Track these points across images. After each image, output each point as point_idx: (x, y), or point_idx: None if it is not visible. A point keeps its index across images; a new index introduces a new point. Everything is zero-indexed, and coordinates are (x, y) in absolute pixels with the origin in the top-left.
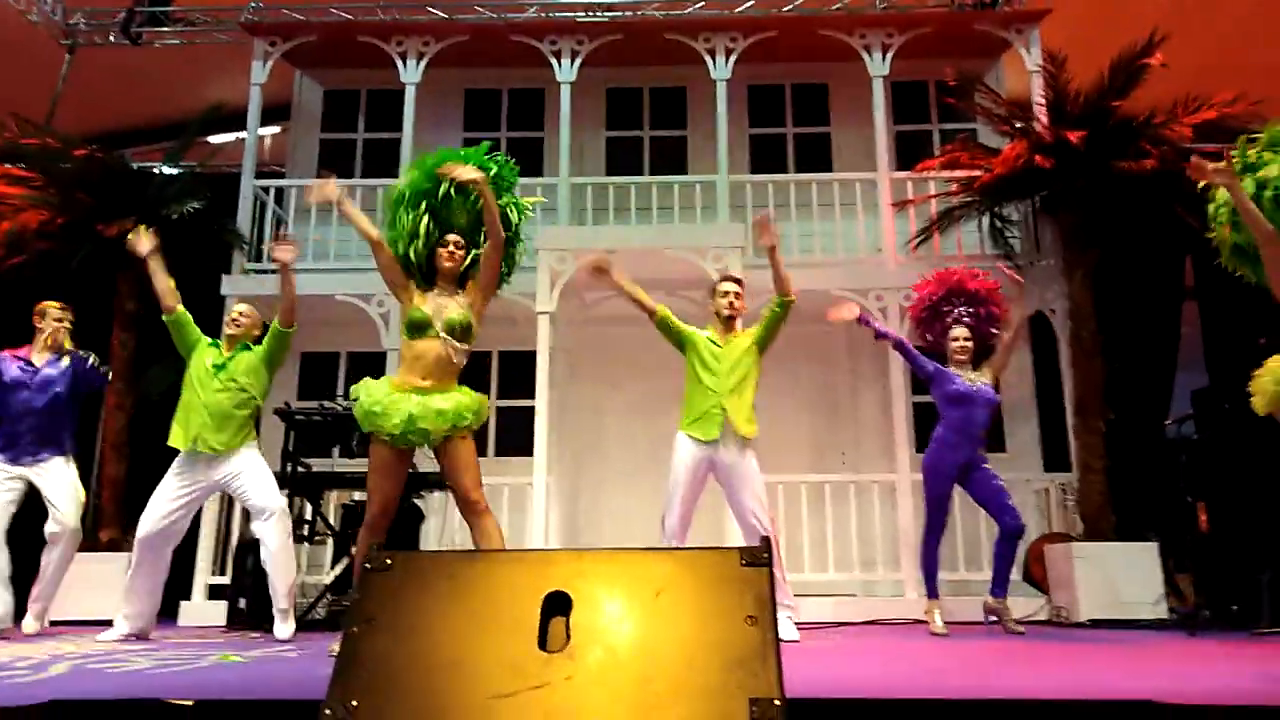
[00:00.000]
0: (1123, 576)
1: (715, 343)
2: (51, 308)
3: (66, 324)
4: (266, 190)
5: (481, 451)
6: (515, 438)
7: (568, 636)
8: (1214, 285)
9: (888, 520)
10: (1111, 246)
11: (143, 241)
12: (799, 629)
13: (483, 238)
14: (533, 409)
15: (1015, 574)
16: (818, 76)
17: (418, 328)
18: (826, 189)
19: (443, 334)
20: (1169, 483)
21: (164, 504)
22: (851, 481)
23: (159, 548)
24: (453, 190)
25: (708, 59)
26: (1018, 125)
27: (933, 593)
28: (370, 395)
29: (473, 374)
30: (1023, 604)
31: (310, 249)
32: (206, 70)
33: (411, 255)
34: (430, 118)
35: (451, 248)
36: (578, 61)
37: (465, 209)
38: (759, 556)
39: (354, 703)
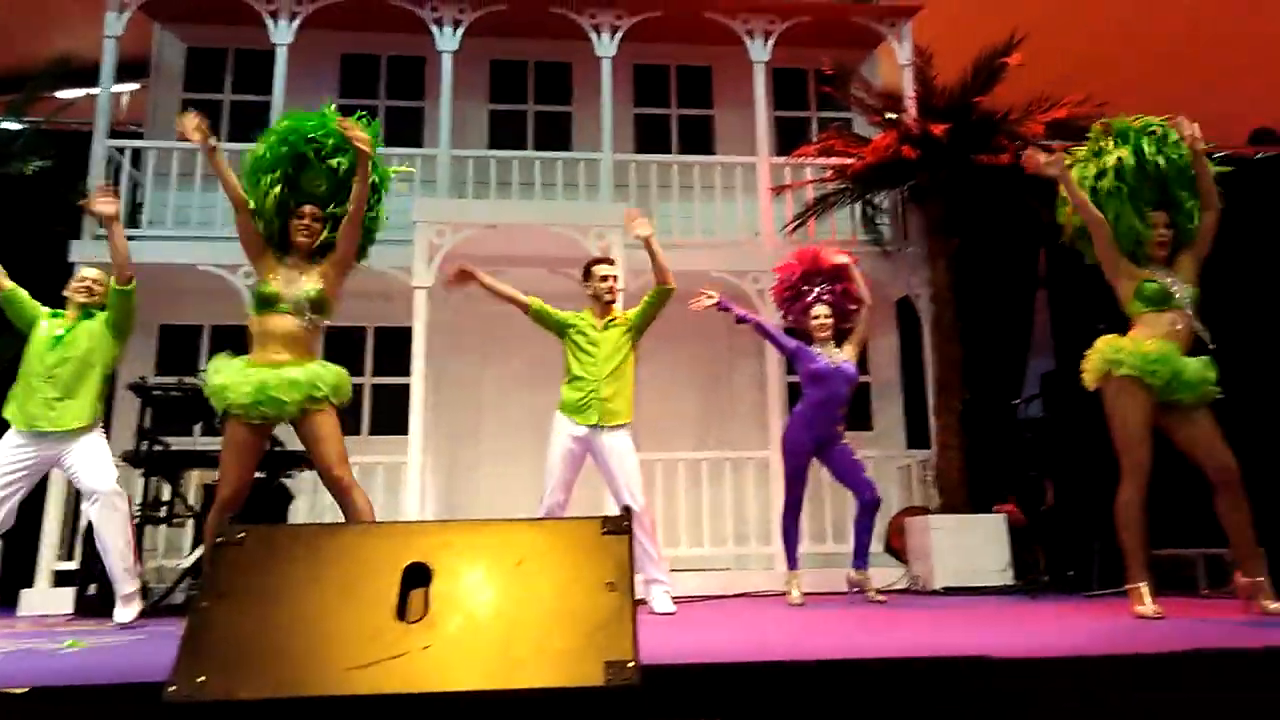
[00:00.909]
0: (974, 547)
1: (593, 326)
2: None
3: None
4: (121, 151)
5: (355, 430)
6: (390, 416)
7: (427, 607)
8: (1064, 275)
9: (761, 495)
10: (972, 235)
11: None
12: (674, 601)
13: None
14: (408, 386)
15: (877, 546)
16: (702, 59)
17: (266, 302)
18: (708, 171)
19: (294, 309)
20: (1018, 459)
21: None
22: (727, 458)
23: None
24: (312, 155)
25: (593, 35)
26: (889, 117)
27: (792, 564)
28: (220, 371)
29: (346, 350)
30: (884, 574)
31: (170, 215)
32: (56, 18)
33: (264, 227)
34: (303, 82)
35: (307, 220)
36: (460, 30)
37: (324, 177)
38: (620, 525)
39: (201, 678)
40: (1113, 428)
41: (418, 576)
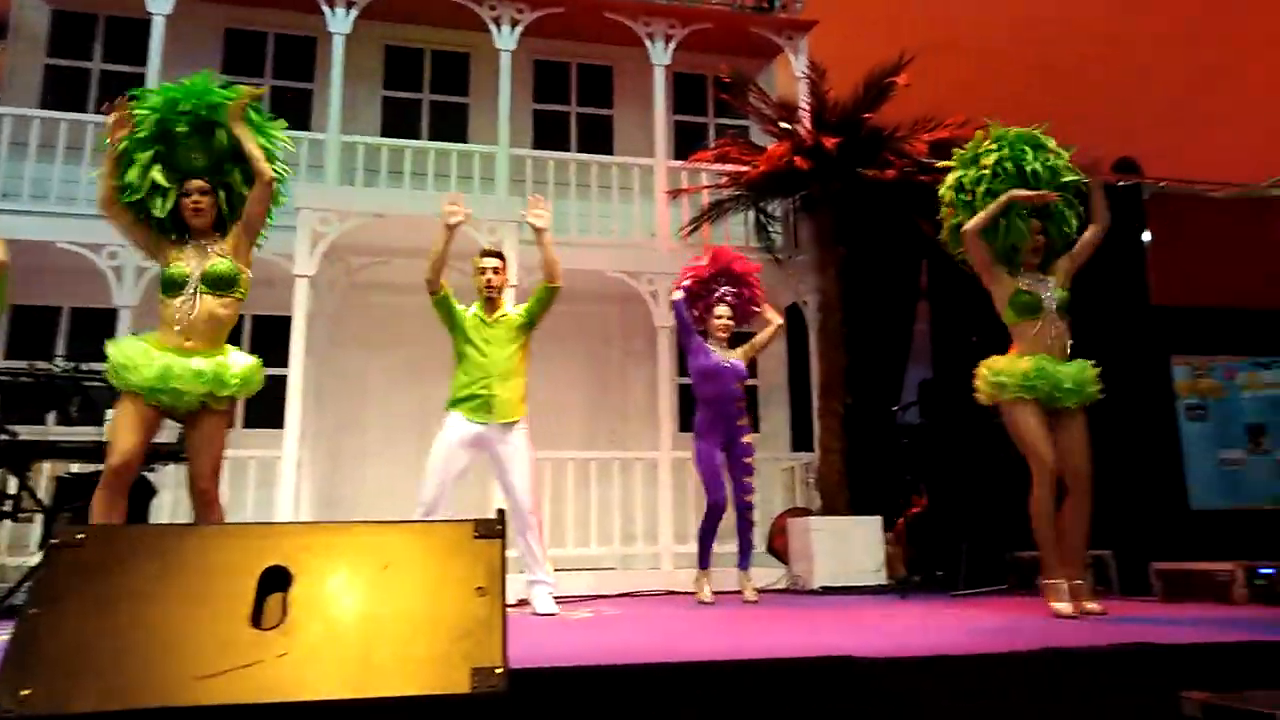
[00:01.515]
0: (851, 547)
1: (483, 322)
2: None
3: None
4: None
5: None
6: (267, 409)
7: (285, 612)
8: (944, 288)
9: (649, 496)
10: (859, 246)
11: None
12: (558, 602)
13: (239, 177)
14: (283, 377)
15: (761, 546)
16: (603, 59)
17: (174, 285)
18: (606, 171)
19: (204, 289)
20: (896, 464)
21: None
22: (616, 458)
23: None
24: (185, 127)
25: (493, 27)
26: (783, 127)
27: (703, 564)
28: (122, 351)
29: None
30: (766, 574)
31: (27, 187)
32: None
33: (155, 212)
34: (182, 55)
35: (194, 196)
36: (353, 12)
37: (202, 149)
38: (492, 529)
39: (25, 691)
40: (1014, 439)
41: (276, 580)
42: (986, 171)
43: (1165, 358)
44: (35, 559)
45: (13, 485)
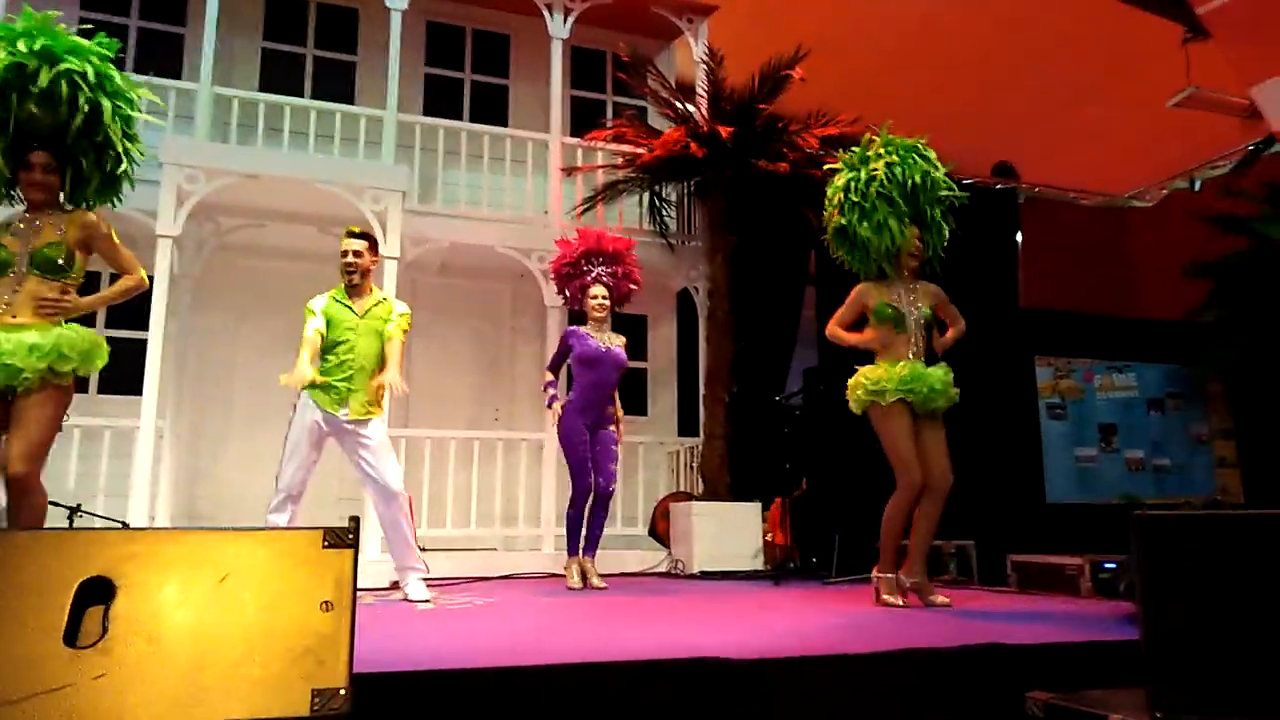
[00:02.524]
0: (731, 533)
1: (349, 308)
2: None
3: None
4: None
5: (81, 388)
6: (124, 375)
7: (105, 629)
8: (831, 276)
9: (532, 477)
10: (750, 234)
11: None
12: (435, 584)
13: (90, 161)
14: (142, 341)
15: (640, 530)
16: (501, 26)
17: None
18: (499, 143)
19: (32, 270)
20: (776, 450)
21: None
22: (500, 439)
23: None
24: (18, 84)
25: None
26: (680, 111)
27: (572, 550)
28: None
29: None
30: (647, 557)
31: None
32: None
33: None
34: None
35: (38, 173)
36: None
37: (44, 109)
38: (344, 538)
39: None
40: (884, 448)
41: (96, 593)
42: (879, 174)
43: (1030, 358)
44: None
45: None
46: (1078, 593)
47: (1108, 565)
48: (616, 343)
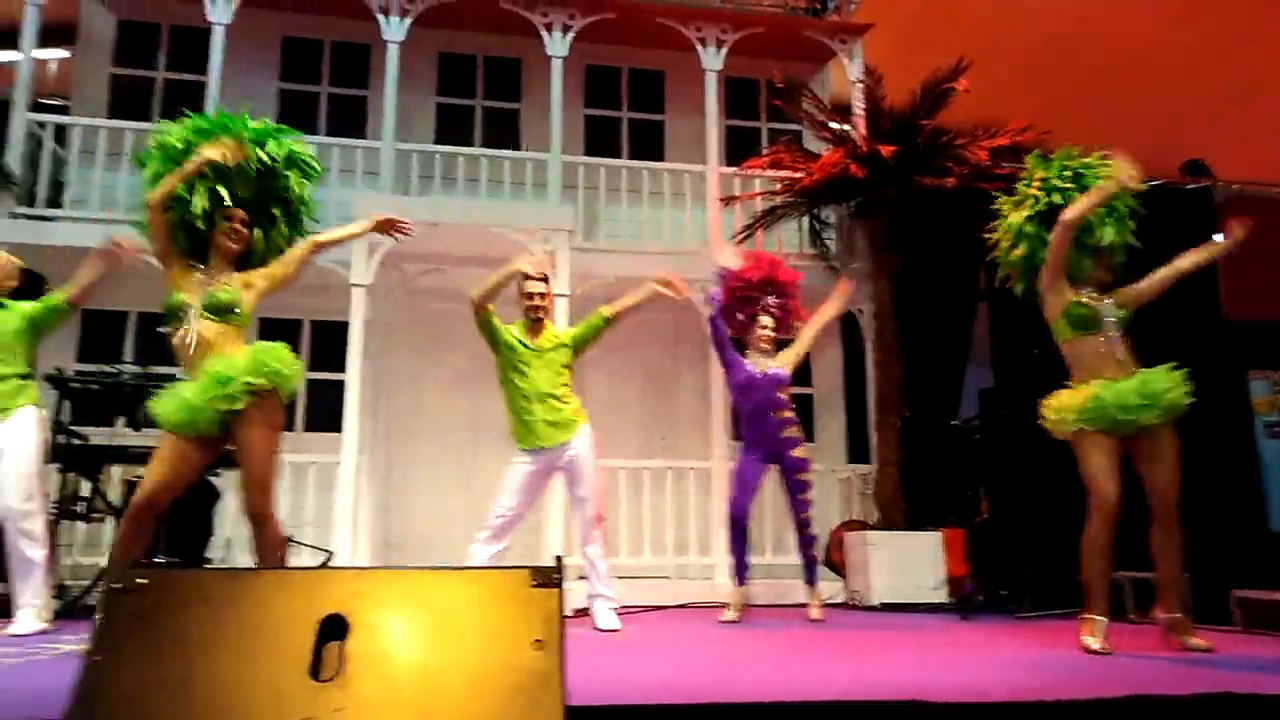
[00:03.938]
0: (910, 563)
1: (525, 345)
2: None
3: None
4: (43, 126)
5: (289, 426)
6: (325, 413)
7: (341, 664)
8: (1004, 292)
9: (702, 505)
10: (915, 252)
11: None
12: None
13: (283, 226)
14: (342, 382)
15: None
16: (655, 64)
17: (174, 314)
18: (657, 177)
19: (204, 314)
20: (956, 476)
21: None
22: (669, 468)
23: None
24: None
25: (544, 33)
26: (837, 133)
27: (736, 579)
28: (160, 401)
29: (283, 342)
30: (824, 587)
31: (96, 196)
32: None
33: (198, 223)
34: (242, 63)
35: (236, 224)
36: (408, 20)
37: (249, 183)
38: (550, 577)
39: None
40: (1081, 471)
41: (333, 630)
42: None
43: (1241, 373)
44: (105, 559)
45: (85, 488)
46: None
47: None
48: (774, 365)
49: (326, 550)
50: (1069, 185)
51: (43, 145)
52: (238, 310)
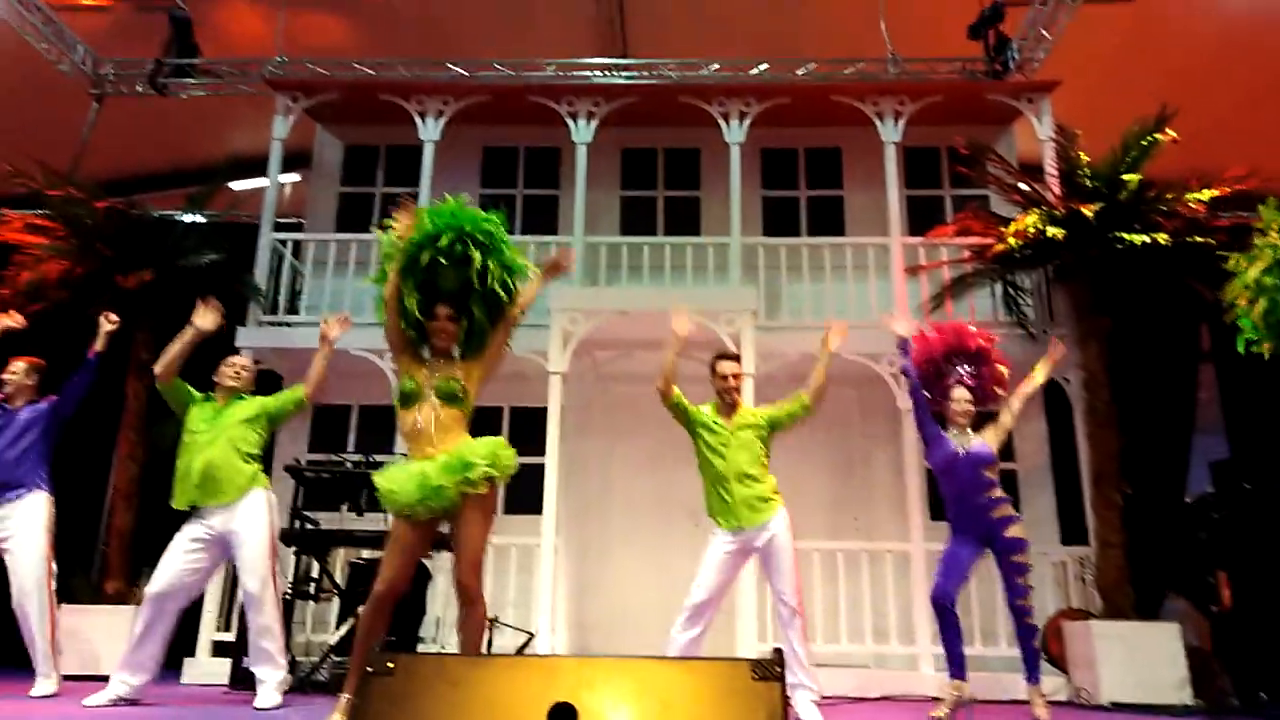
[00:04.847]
0: (1145, 657)
1: (721, 426)
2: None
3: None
4: (284, 243)
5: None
6: (523, 495)
7: None
8: (1232, 350)
9: (901, 590)
10: (1124, 315)
11: (207, 319)
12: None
13: (481, 311)
14: (539, 465)
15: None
16: (831, 141)
17: (408, 398)
18: (839, 252)
19: (436, 399)
20: (1189, 559)
21: (175, 560)
22: (865, 550)
23: (166, 605)
24: (436, 257)
25: (721, 123)
26: (1029, 195)
27: (951, 672)
28: (387, 477)
29: (484, 429)
30: (1046, 683)
31: (326, 301)
32: (228, 119)
33: (402, 326)
34: (448, 173)
35: (441, 321)
36: (594, 123)
37: (453, 272)
38: (771, 670)
39: None
40: None
41: (563, 717)
42: None
43: None
44: (334, 637)
45: (314, 569)
46: None
47: None
48: (976, 441)
49: (528, 632)
50: None
51: (283, 259)
52: (461, 397)
